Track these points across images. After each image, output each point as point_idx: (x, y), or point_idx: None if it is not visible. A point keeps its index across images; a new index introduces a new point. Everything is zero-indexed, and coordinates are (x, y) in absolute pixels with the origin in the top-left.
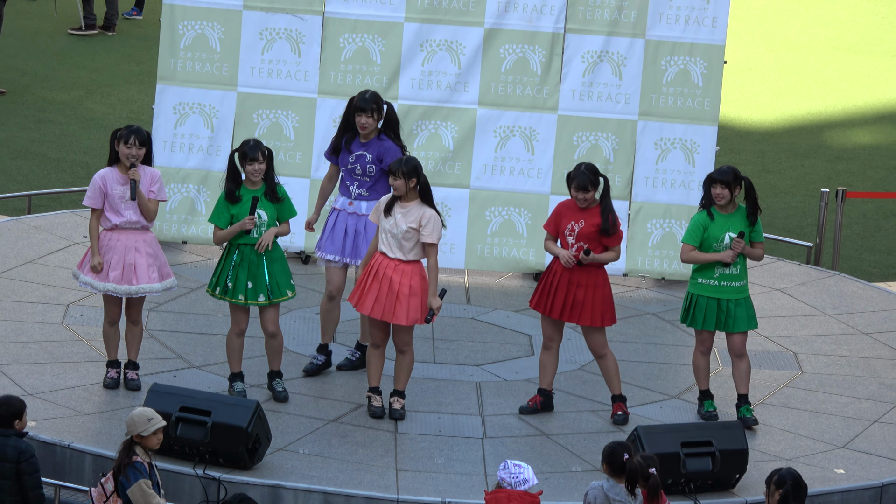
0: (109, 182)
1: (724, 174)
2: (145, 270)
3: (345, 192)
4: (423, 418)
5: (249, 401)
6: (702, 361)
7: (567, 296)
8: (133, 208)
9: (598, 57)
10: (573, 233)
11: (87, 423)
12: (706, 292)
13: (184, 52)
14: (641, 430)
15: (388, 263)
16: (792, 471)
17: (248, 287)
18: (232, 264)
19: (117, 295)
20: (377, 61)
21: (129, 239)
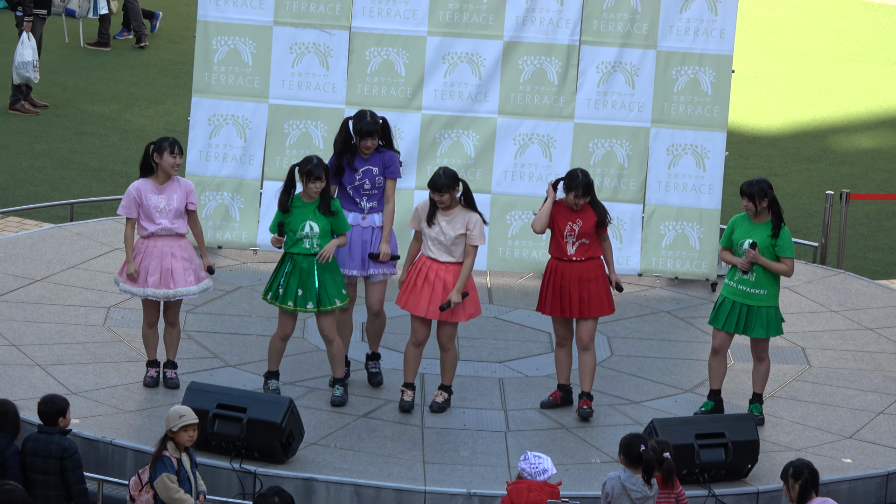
0: (144, 192)
1: (749, 186)
2: (182, 274)
3: (354, 209)
4: (448, 413)
5: (283, 398)
6: (711, 361)
7: (581, 293)
8: (167, 217)
9: (612, 67)
10: (573, 233)
11: (128, 420)
12: (728, 293)
13: (217, 66)
14: (657, 422)
15: (438, 266)
16: (804, 461)
17: (297, 294)
18: (285, 272)
19: (156, 299)
20: (401, 73)
21: (164, 245)
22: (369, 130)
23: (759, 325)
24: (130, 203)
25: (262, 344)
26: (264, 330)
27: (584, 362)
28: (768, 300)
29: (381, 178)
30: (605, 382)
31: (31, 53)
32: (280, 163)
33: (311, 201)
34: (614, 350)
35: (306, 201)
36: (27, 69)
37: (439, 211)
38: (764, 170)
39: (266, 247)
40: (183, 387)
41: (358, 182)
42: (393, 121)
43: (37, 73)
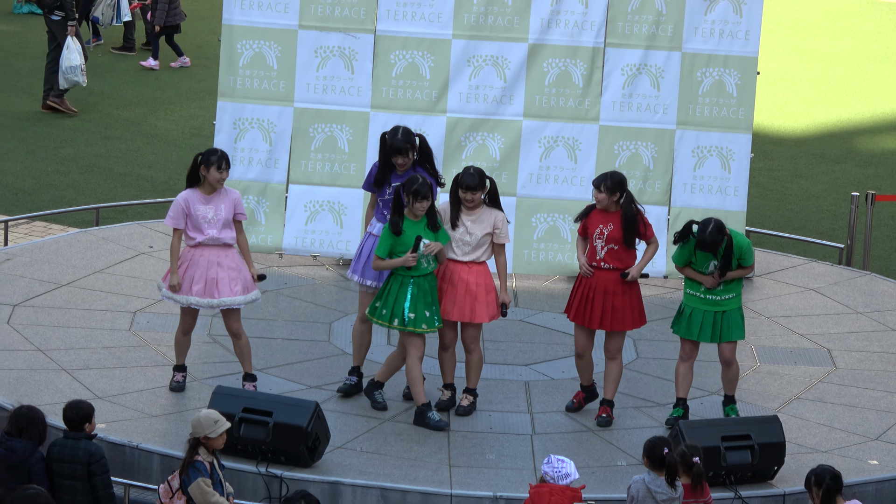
0: (192, 203)
1: (711, 236)
2: (227, 284)
3: (382, 220)
4: (474, 416)
5: (309, 401)
6: (680, 368)
7: (605, 305)
8: (215, 227)
9: (637, 70)
10: (602, 236)
11: (155, 424)
12: (694, 303)
13: (242, 70)
14: (683, 424)
15: (460, 267)
16: (826, 467)
17: (426, 315)
18: (408, 296)
19: (198, 308)
20: (427, 76)
21: (211, 254)
22: (398, 148)
23: (736, 328)
24: (178, 214)
25: (287, 348)
26: (290, 334)
27: (610, 370)
28: (737, 301)
29: None
30: (630, 385)
31: (78, 57)
32: (305, 166)
33: (418, 220)
34: (640, 352)
35: (413, 220)
36: (75, 73)
37: (463, 211)
38: (789, 171)
39: (292, 250)
40: (208, 392)
41: (388, 196)
42: (418, 124)
43: (84, 77)
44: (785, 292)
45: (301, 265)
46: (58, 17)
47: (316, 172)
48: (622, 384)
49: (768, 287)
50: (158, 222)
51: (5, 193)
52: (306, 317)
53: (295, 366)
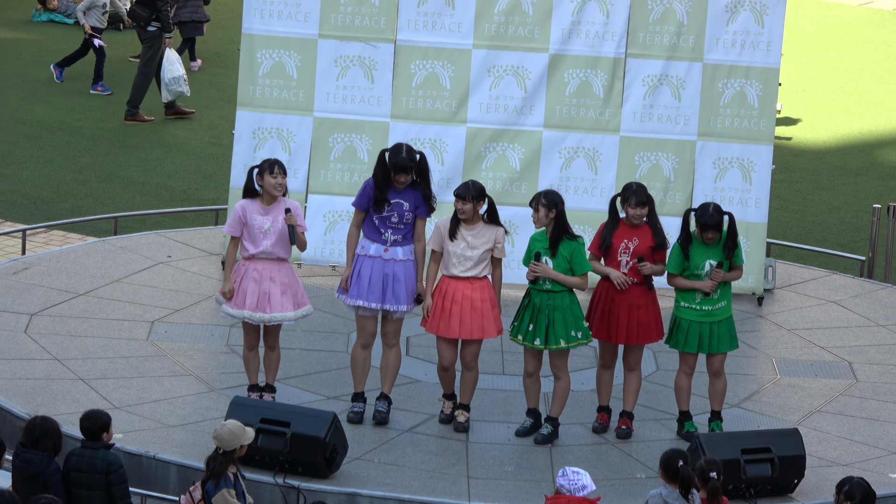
0: (250, 213)
1: (712, 218)
2: (279, 299)
3: (377, 239)
4: (492, 428)
5: (326, 412)
6: (684, 382)
7: (630, 319)
8: (271, 238)
9: (658, 80)
10: (628, 251)
11: (172, 434)
12: (689, 316)
13: (262, 79)
14: (703, 437)
15: (463, 284)
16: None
17: (528, 329)
18: (523, 305)
19: (252, 322)
20: (447, 86)
21: (264, 268)
22: (403, 166)
23: (727, 339)
24: (235, 221)
25: (305, 358)
26: (308, 344)
27: (629, 381)
28: (728, 310)
29: (410, 213)
30: (650, 397)
31: (180, 68)
32: (324, 176)
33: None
34: (660, 364)
35: (549, 236)
36: (179, 84)
37: (463, 225)
38: (811, 183)
39: (311, 261)
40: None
41: (386, 213)
42: (437, 134)
43: (188, 87)
44: (806, 304)
45: (319, 275)
46: (154, 27)
47: (335, 182)
48: (642, 396)
49: (789, 299)
50: (177, 232)
51: (23, 202)
52: (324, 327)
53: (313, 376)
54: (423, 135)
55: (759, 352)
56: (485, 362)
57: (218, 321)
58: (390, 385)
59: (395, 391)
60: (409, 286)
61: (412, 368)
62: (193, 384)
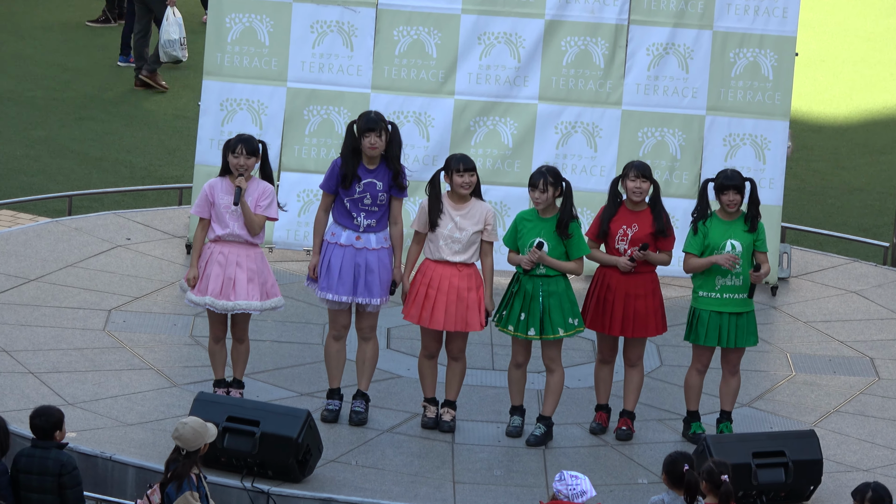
0: (217, 191)
1: (735, 178)
2: (244, 286)
3: (349, 225)
4: (481, 428)
5: (299, 410)
6: (696, 380)
7: (626, 309)
8: (239, 220)
9: (663, 49)
10: (626, 238)
11: (130, 433)
12: (708, 306)
13: (231, 46)
14: (710, 439)
15: (450, 271)
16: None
17: (519, 319)
18: (511, 292)
19: (215, 310)
20: (433, 55)
21: (231, 252)
22: (371, 127)
23: (749, 333)
24: (202, 202)
25: (276, 351)
26: (280, 336)
27: (630, 378)
28: (750, 303)
29: (384, 194)
30: (653, 395)
31: (178, 31)
32: (298, 152)
33: (549, 216)
34: (664, 360)
35: (541, 216)
36: (174, 47)
37: (449, 204)
38: (830, 162)
39: (283, 244)
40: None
41: (358, 195)
42: (423, 107)
43: (185, 51)
44: (824, 295)
45: (293, 260)
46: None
47: (310, 159)
48: (644, 394)
49: (805, 289)
50: (137, 212)
51: None
52: (298, 317)
53: (284, 371)
54: (407, 107)
55: (772, 346)
56: (473, 356)
57: (181, 310)
58: (367, 381)
59: (374, 388)
60: (382, 277)
61: (393, 362)
62: (154, 379)
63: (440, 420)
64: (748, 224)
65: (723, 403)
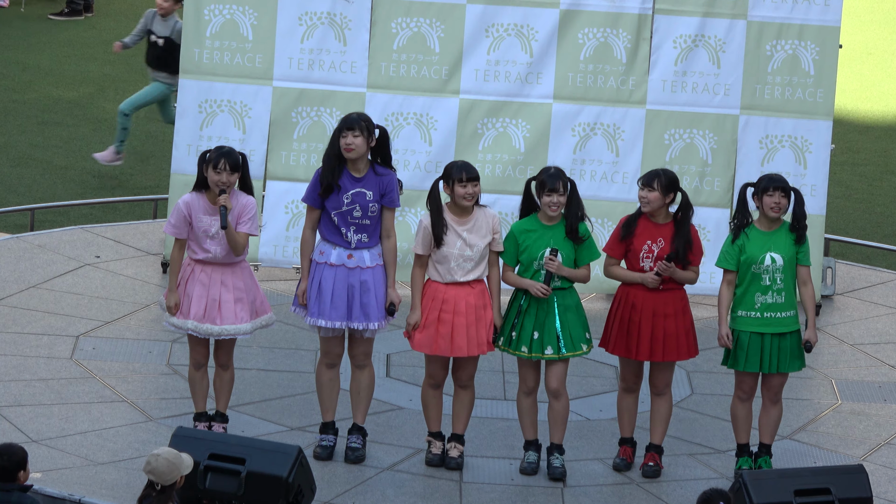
0: (195, 211)
1: (781, 180)
2: (231, 307)
3: (339, 242)
4: (492, 465)
5: (290, 446)
6: (741, 410)
7: (654, 331)
8: (220, 242)
9: (692, 42)
10: (651, 254)
11: (101, 473)
12: (748, 327)
13: (210, 40)
14: (748, 475)
15: (465, 291)
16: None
17: (533, 338)
18: (518, 310)
19: (198, 335)
20: (435, 49)
21: (214, 270)
22: (349, 125)
23: (794, 357)
24: (179, 221)
25: (263, 380)
26: (267, 363)
27: (658, 408)
28: (795, 322)
29: (375, 204)
30: (683, 427)
31: None
32: (286, 159)
33: (553, 223)
34: (695, 387)
35: (546, 223)
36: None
37: (452, 219)
38: (878, 166)
39: (270, 262)
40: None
41: (346, 207)
42: (424, 108)
43: None
44: (873, 314)
45: (281, 279)
46: None
47: (299, 166)
48: (673, 426)
49: (852, 307)
50: (107, 227)
51: None
52: (287, 342)
53: (273, 402)
54: (407, 108)
55: (815, 371)
56: (482, 385)
57: (157, 336)
58: (364, 413)
59: (372, 420)
60: (380, 297)
61: (393, 392)
62: (127, 412)
63: (446, 456)
64: (794, 234)
65: (762, 435)
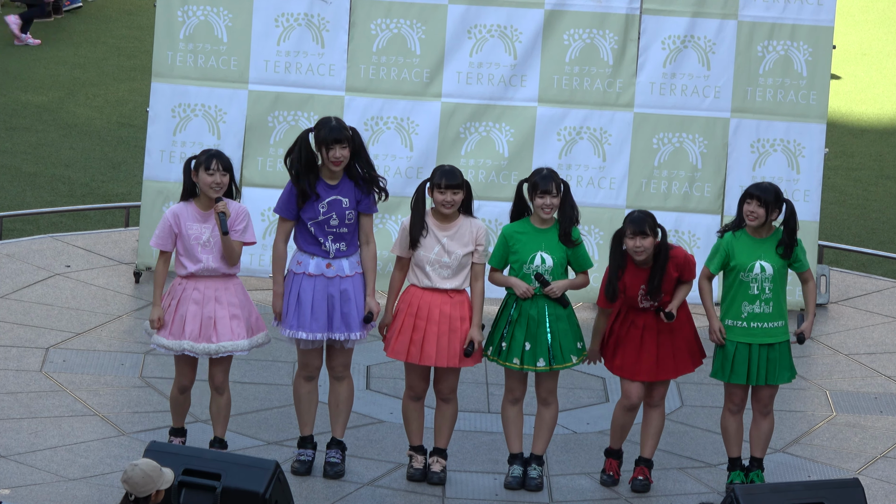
0: (184, 220)
1: (763, 190)
2: (227, 324)
3: (316, 252)
4: (475, 479)
5: (267, 461)
6: (731, 422)
7: (660, 350)
8: (212, 250)
9: (681, 42)
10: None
11: (72, 490)
12: (734, 336)
13: (184, 43)
14: (740, 490)
15: (441, 299)
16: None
17: (525, 349)
18: (508, 320)
19: (195, 355)
20: (416, 51)
21: (207, 287)
22: (337, 137)
23: (783, 368)
24: (165, 233)
25: (239, 394)
26: (242, 375)
27: (650, 421)
28: (785, 332)
29: (352, 211)
30: (673, 440)
31: None
32: (262, 165)
33: (547, 226)
34: (685, 399)
35: (538, 227)
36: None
37: (433, 223)
38: (873, 170)
39: (246, 271)
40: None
41: (322, 216)
42: (405, 111)
43: None
44: (868, 323)
45: (257, 289)
46: None
47: (276, 172)
48: (662, 439)
49: (847, 316)
50: (78, 235)
51: None
52: (264, 355)
53: (249, 416)
54: (387, 112)
55: (809, 382)
56: (465, 397)
57: (130, 347)
58: (343, 427)
59: (352, 434)
60: (360, 306)
61: (373, 405)
62: (99, 427)
63: (429, 471)
64: (781, 249)
65: (753, 449)
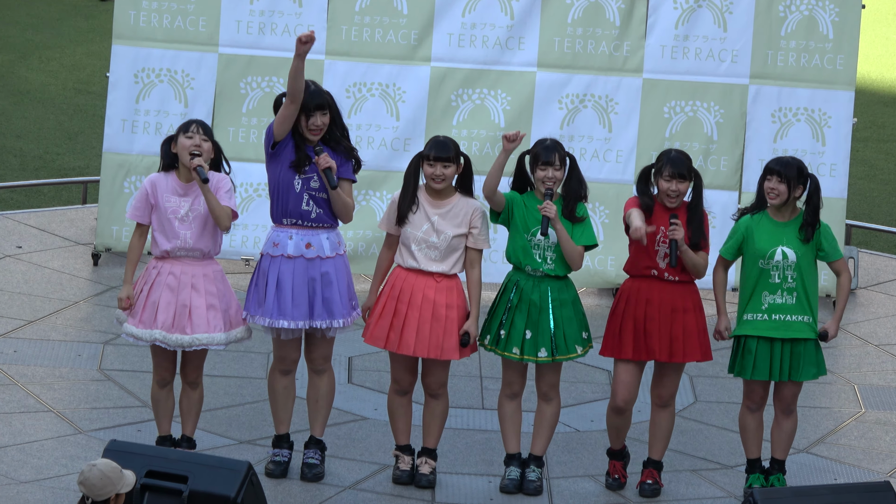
0: (161, 191)
1: (785, 165)
2: (203, 314)
3: (297, 215)
4: (468, 482)
5: (238, 462)
6: (750, 421)
7: (673, 328)
8: (191, 228)
9: (695, 1)
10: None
11: (24, 493)
12: (754, 331)
13: (147, 2)
14: (759, 494)
15: (425, 282)
16: None
17: (525, 338)
18: (507, 305)
19: (167, 346)
20: (403, 11)
21: (184, 272)
22: (319, 103)
23: (808, 364)
24: (141, 203)
25: (208, 387)
26: (212, 368)
27: (659, 421)
28: (812, 328)
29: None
30: (686, 439)
31: None
32: (234, 135)
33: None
34: (699, 395)
35: (539, 199)
36: None
37: (426, 200)
38: None
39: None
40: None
41: (305, 175)
42: (391, 77)
43: None
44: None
45: (228, 273)
46: None
47: (249, 144)
48: (673, 438)
49: (877, 303)
50: (30, 213)
51: None
52: (235, 346)
53: (219, 412)
54: (371, 77)
55: (836, 376)
56: (457, 393)
57: (88, 337)
58: (322, 425)
59: (332, 433)
60: (342, 291)
61: (356, 401)
62: (53, 424)
63: (416, 473)
64: (803, 233)
65: (774, 450)
